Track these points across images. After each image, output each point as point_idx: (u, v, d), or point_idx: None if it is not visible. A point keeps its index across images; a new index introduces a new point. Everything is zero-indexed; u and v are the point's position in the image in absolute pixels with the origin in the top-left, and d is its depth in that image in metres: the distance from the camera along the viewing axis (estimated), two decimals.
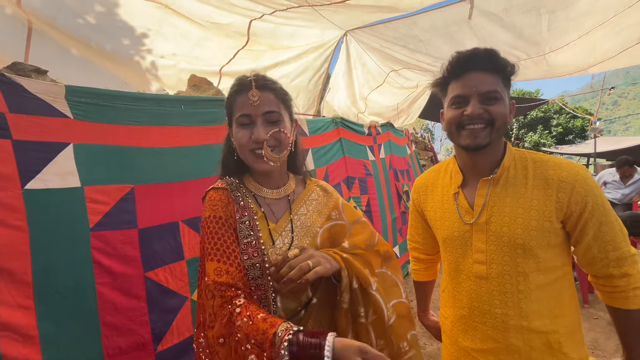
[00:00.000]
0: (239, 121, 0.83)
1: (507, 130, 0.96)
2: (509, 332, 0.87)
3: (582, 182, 0.82)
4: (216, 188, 0.88)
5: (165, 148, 1.55)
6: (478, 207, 0.91)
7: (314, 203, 0.93)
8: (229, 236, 0.80)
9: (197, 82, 2.79)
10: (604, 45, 3.95)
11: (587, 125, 14.45)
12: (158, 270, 1.47)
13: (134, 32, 2.40)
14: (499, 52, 0.85)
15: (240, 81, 0.84)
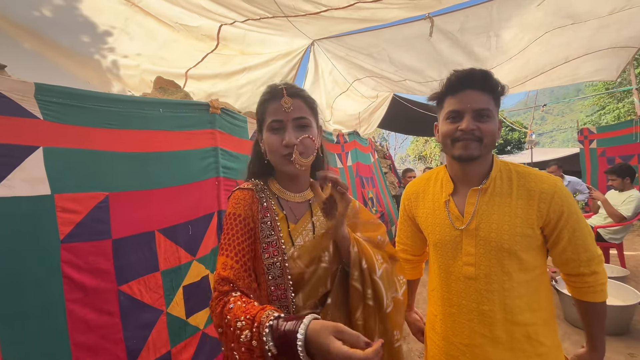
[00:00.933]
0: (271, 126, 0.87)
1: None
2: (495, 326, 0.95)
3: (560, 193, 0.93)
4: (242, 188, 0.92)
5: (142, 153, 1.47)
6: (468, 214, 0.99)
7: None
8: (242, 234, 0.84)
9: (163, 84, 2.67)
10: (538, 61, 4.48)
11: (523, 138, 16.08)
12: (132, 283, 1.38)
13: (96, 29, 2.25)
14: (493, 73, 0.94)
15: (272, 89, 0.89)
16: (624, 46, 4.63)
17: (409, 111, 6.19)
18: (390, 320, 0.89)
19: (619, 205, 3.63)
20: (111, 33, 2.26)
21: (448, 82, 0.97)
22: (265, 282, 0.83)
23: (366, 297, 0.84)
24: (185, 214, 1.65)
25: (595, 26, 3.70)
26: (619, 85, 10.77)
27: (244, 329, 0.65)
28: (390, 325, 0.89)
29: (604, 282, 0.95)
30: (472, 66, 0.98)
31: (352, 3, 2.48)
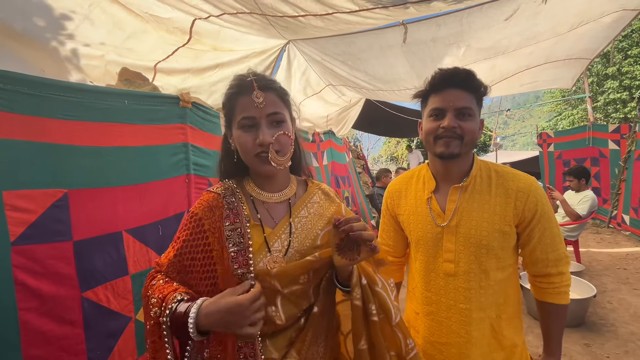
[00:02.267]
0: (242, 124, 0.79)
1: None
2: (471, 326, 0.97)
3: (535, 192, 0.96)
4: (210, 191, 0.87)
5: (106, 147, 1.37)
6: (450, 211, 1.00)
7: (315, 206, 0.91)
8: (191, 233, 0.81)
9: (129, 76, 2.51)
10: (502, 67, 4.72)
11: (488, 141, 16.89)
12: (98, 289, 1.28)
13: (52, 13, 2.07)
14: (475, 73, 0.95)
15: (241, 81, 0.81)
16: (579, 58, 5.01)
17: (382, 113, 6.30)
18: (401, 330, 0.83)
19: (576, 204, 3.89)
20: (71, 18, 2.08)
21: (432, 80, 0.98)
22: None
23: (370, 314, 0.79)
24: (155, 213, 1.56)
25: (554, 39, 3.96)
26: (573, 93, 11.61)
27: (155, 306, 0.71)
28: (402, 334, 0.83)
29: (568, 285, 0.98)
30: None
31: (330, 12, 2.48)
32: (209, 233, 0.79)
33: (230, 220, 0.80)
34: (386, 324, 0.82)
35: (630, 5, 3.43)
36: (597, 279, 4.02)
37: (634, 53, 12.49)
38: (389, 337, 0.82)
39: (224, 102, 0.85)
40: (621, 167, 6.22)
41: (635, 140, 5.91)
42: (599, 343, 2.73)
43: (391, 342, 0.82)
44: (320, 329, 0.83)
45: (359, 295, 0.78)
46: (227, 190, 0.85)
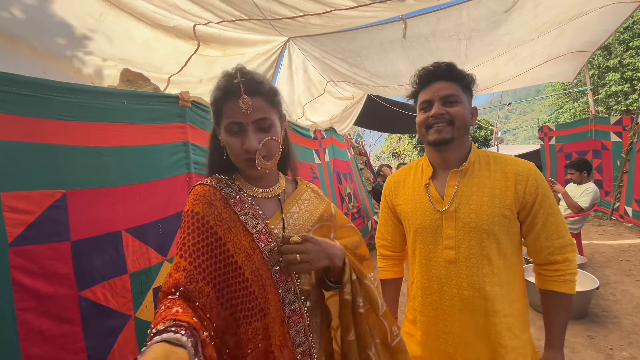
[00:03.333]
0: (229, 128, 0.77)
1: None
2: (475, 313, 0.94)
3: (535, 175, 0.94)
4: (203, 184, 0.83)
5: (104, 147, 1.34)
6: (449, 196, 0.99)
7: (306, 203, 0.91)
8: (198, 234, 0.75)
9: (131, 77, 2.49)
10: (506, 70, 4.66)
11: (489, 135, 16.70)
12: (96, 288, 1.26)
13: (69, 28, 2.01)
14: (456, 65, 0.98)
15: (227, 84, 0.76)
16: (580, 50, 4.89)
17: (383, 109, 6.23)
18: (386, 319, 0.86)
19: (577, 197, 3.81)
20: (83, 30, 2.04)
21: (418, 79, 1.03)
22: (268, 271, 0.76)
23: (358, 307, 0.81)
24: (155, 212, 1.53)
25: (555, 33, 3.86)
26: (575, 86, 11.41)
27: (149, 334, 0.61)
28: (388, 323, 0.86)
29: (574, 273, 0.93)
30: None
31: (328, 10, 2.43)
32: (216, 228, 0.77)
33: (239, 207, 0.80)
34: (372, 314, 0.85)
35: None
36: (599, 271, 3.95)
37: (635, 45, 12.20)
38: (376, 326, 0.85)
39: (211, 101, 0.81)
40: (623, 159, 6.09)
41: (637, 132, 5.78)
42: (602, 335, 2.67)
43: (378, 330, 0.85)
44: (314, 324, 0.83)
45: (349, 290, 0.81)
46: (221, 182, 0.84)
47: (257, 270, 0.75)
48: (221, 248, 0.75)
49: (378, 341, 0.85)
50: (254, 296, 0.74)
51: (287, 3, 2.27)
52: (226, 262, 0.75)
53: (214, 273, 0.74)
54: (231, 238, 0.76)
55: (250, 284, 0.74)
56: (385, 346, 0.85)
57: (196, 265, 0.72)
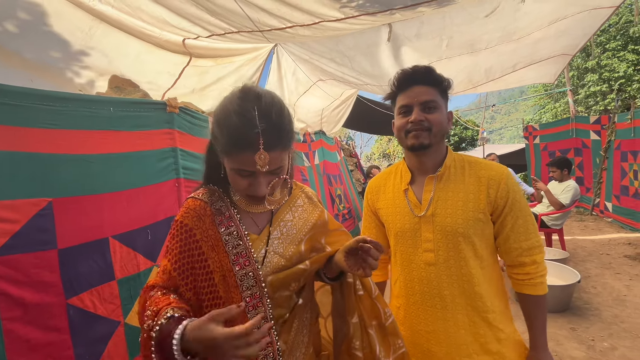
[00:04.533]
0: (238, 172, 0.70)
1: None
2: (457, 310, 0.97)
3: (506, 180, 0.96)
4: (196, 198, 0.82)
5: (91, 155, 1.33)
6: (426, 201, 1.00)
7: (300, 210, 0.90)
8: (184, 245, 0.76)
9: (119, 83, 2.46)
10: (490, 70, 4.73)
11: (476, 135, 16.93)
12: (83, 295, 1.24)
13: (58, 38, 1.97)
14: (434, 68, 0.98)
15: (245, 134, 0.65)
16: (561, 54, 5.01)
17: (373, 111, 6.27)
18: (379, 302, 0.92)
19: (559, 194, 3.89)
20: (73, 43, 2.01)
21: (397, 81, 1.02)
22: (239, 295, 0.75)
23: (357, 290, 0.89)
24: (143, 218, 1.52)
25: (537, 37, 3.95)
26: (556, 87, 11.65)
27: (149, 318, 0.66)
28: (381, 305, 0.92)
29: (544, 275, 0.96)
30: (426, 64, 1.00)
31: (317, 21, 2.44)
32: (201, 242, 0.76)
33: (225, 225, 0.78)
34: (368, 297, 0.91)
35: (607, 3, 3.43)
36: (581, 265, 4.03)
37: (611, 47, 12.53)
38: (370, 309, 0.91)
39: (218, 131, 0.71)
40: (602, 156, 6.24)
41: (614, 130, 5.93)
42: (584, 327, 2.73)
43: (372, 313, 0.90)
44: (304, 319, 0.86)
45: (350, 274, 0.88)
46: (213, 196, 0.82)
47: (230, 292, 0.75)
48: (203, 262, 0.76)
49: (374, 323, 0.90)
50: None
51: (276, 14, 2.27)
52: (206, 277, 0.76)
53: (194, 284, 0.75)
54: (213, 255, 0.76)
55: (224, 302, 0.74)
56: (380, 327, 0.91)
57: (179, 272, 0.75)
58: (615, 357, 2.31)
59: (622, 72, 12.11)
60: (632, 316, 2.82)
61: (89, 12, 1.95)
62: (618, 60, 12.38)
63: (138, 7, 1.97)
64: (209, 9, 2.04)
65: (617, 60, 12.42)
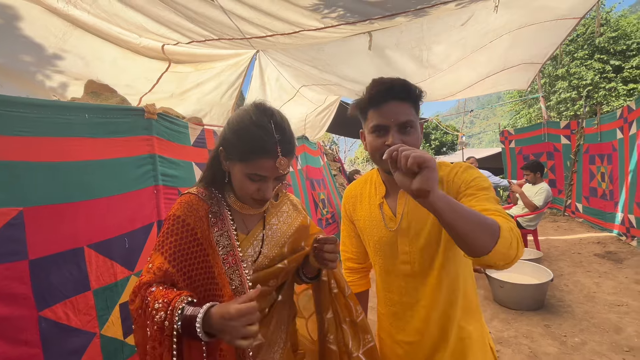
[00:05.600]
0: (251, 177, 0.79)
1: None
2: (430, 322, 0.97)
3: (457, 167, 0.93)
4: (199, 197, 0.86)
5: (65, 162, 1.29)
6: (399, 214, 0.99)
7: (284, 215, 0.98)
8: (187, 242, 0.80)
9: (96, 88, 2.40)
10: (466, 77, 4.92)
11: (456, 140, 17.38)
12: (56, 307, 1.20)
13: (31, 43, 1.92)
14: (411, 83, 0.91)
15: (267, 141, 0.76)
16: (531, 62, 5.26)
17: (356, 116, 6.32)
18: (352, 300, 1.00)
19: (532, 196, 4.05)
20: (47, 48, 1.96)
21: (369, 94, 0.91)
22: (230, 290, 0.80)
23: (332, 288, 0.97)
24: (120, 226, 1.49)
25: (509, 44, 4.14)
26: (529, 93, 12.14)
27: (160, 310, 0.69)
28: (353, 303, 1.00)
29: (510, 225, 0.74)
30: (411, 80, 0.93)
31: (297, 30, 2.48)
32: (202, 240, 0.81)
33: (218, 227, 0.84)
34: (342, 296, 0.98)
35: (571, 14, 3.63)
36: (554, 264, 4.20)
37: (579, 55, 13.21)
38: (344, 306, 0.98)
39: (236, 138, 0.79)
40: (572, 160, 6.54)
41: (583, 135, 6.23)
42: (557, 323, 2.83)
43: (346, 309, 0.98)
44: (282, 316, 0.94)
45: (325, 273, 0.96)
46: (213, 199, 0.88)
47: (224, 288, 0.80)
48: (204, 258, 0.82)
49: (348, 319, 0.98)
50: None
51: (257, 23, 2.29)
52: (207, 274, 0.81)
53: (194, 278, 0.80)
54: (211, 252, 0.82)
55: (222, 296, 0.80)
56: (352, 323, 0.98)
57: (178, 269, 0.78)
58: (586, 352, 2.42)
59: (590, 80, 12.77)
60: (601, 312, 2.96)
61: (64, 17, 1.91)
62: (586, 69, 13.06)
63: (115, 13, 1.94)
64: (189, 16, 2.03)
65: (585, 68, 13.09)
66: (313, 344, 1.04)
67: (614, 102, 12.28)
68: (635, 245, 4.52)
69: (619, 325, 2.70)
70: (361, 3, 2.14)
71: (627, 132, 4.72)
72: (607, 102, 12.53)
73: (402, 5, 2.25)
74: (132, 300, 0.76)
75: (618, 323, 2.74)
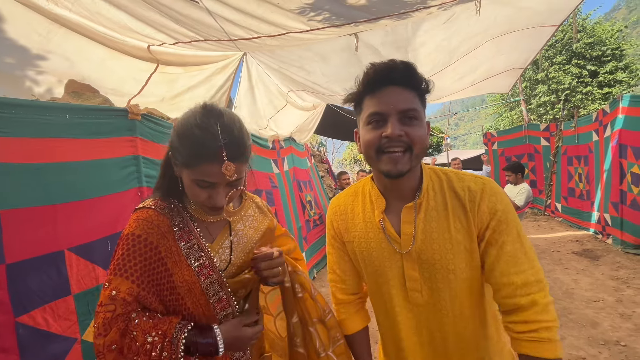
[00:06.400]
0: (199, 183, 0.72)
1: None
2: (449, 355, 0.82)
3: (490, 189, 0.76)
4: (158, 211, 0.78)
5: (45, 164, 1.26)
6: (406, 235, 0.80)
7: (250, 219, 0.93)
8: (153, 265, 0.75)
9: (77, 88, 2.34)
10: (452, 86, 5.08)
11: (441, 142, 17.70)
12: (35, 312, 1.17)
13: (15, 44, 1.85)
14: (416, 65, 0.75)
15: (209, 147, 0.68)
16: (514, 68, 5.43)
17: (343, 118, 6.39)
18: (319, 301, 0.98)
19: (514, 196, 4.16)
20: (30, 48, 1.90)
21: (365, 78, 0.76)
22: (207, 302, 0.79)
23: (297, 293, 0.93)
24: (103, 228, 1.46)
25: (492, 53, 4.29)
26: (511, 96, 12.49)
27: (156, 344, 0.67)
28: (320, 304, 0.97)
29: (551, 327, 0.68)
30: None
31: (283, 33, 2.48)
32: (166, 259, 0.76)
33: (185, 239, 0.79)
34: (309, 298, 0.95)
35: (550, 22, 3.77)
36: None
37: (558, 60, 13.71)
38: (312, 307, 0.95)
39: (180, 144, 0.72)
40: (551, 161, 6.75)
41: (561, 137, 6.45)
42: None
43: (314, 310, 0.95)
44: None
45: (288, 279, 0.92)
46: (172, 210, 0.81)
47: (198, 301, 0.78)
48: (169, 278, 0.77)
49: (315, 320, 0.95)
50: (196, 321, 0.79)
51: (243, 25, 2.28)
52: (172, 291, 0.77)
53: (163, 299, 0.78)
54: (177, 271, 0.77)
55: (192, 312, 0.79)
56: (321, 323, 0.95)
57: (148, 290, 0.75)
58: (565, 346, 2.49)
59: (567, 84, 13.25)
60: (579, 307, 3.07)
61: (47, 15, 1.86)
62: (564, 73, 13.54)
63: (97, 11, 1.90)
64: (173, 17, 2.01)
65: (563, 73, 13.57)
66: (282, 340, 1.03)
67: (590, 106, 12.79)
68: (610, 243, 4.70)
69: (595, 320, 2.81)
70: (346, 7, 2.17)
71: (602, 135, 4.91)
72: (584, 105, 13.03)
73: (386, 10, 2.29)
74: (101, 334, 0.68)
75: (594, 318, 2.84)
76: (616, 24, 14.11)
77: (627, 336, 2.52)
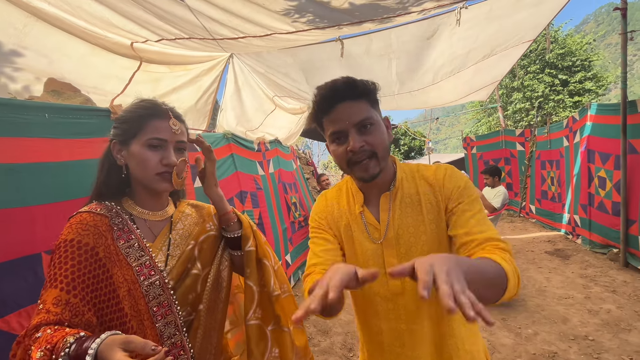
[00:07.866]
0: (150, 143, 0.79)
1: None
2: (428, 345, 0.84)
3: (451, 169, 0.86)
4: (94, 213, 0.77)
5: (20, 164, 1.21)
6: (384, 222, 0.85)
7: (189, 218, 0.95)
8: (87, 265, 0.70)
9: (57, 87, 2.26)
10: (435, 101, 5.27)
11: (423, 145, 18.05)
12: (10, 317, 1.11)
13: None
14: (355, 78, 0.81)
15: (156, 105, 0.83)
16: (492, 82, 5.66)
17: None
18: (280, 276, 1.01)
19: (491, 199, 4.29)
20: (13, 49, 1.82)
21: (316, 102, 0.83)
22: (146, 305, 0.76)
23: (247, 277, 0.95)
24: None
25: (473, 71, 4.49)
26: (489, 103, 12.90)
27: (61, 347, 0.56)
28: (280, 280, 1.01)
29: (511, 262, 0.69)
30: (380, 91, 0.85)
31: (269, 33, 2.48)
32: (105, 260, 0.73)
33: (124, 238, 0.78)
34: (271, 296, 0.98)
35: (527, 37, 3.93)
36: None
37: (532, 70, 14.28)
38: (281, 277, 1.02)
39: (127, 116, 0.83)
40: (526, 165, 7.00)
41: (535, 142, 6.70)
42: (512, 316, 3.02)
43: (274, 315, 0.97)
44: (210, 323, 0.89)
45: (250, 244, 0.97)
46: (111, 211, 0.80)
47: (136, 305, 0.75)
48: (108, 281, 0.72)
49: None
50: (132, 331, 0.72)
51: (229, 25, 2.26)
52: (110, 296, 0.72)
53: (99, 306, 0.71)
54: (116, 271, 0.74)
55: (129, 319, 0.73)
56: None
57: (81, 298, 0.67)
58: (538, 342, 2.59)
59: (541, 92, 13.81)
60: (551, 304, 3.19)
61: (23, 8, 1.79)
62: (538, 82, 14.11)
63: (79, 5, 1.84)
64: (157, 13, 1.98)
65: (537, 81, 14.14)
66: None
67: (561, 113, 13.37)
68: (580, 243, 4.91)
69: (565, 316, 2.93)
70: (330, 10, 2.19)
71: (572, 140, 5.14)
72: (556, 112, 13.61)
73: (369, 14, 2.33)
74: (14, 356, 0.62)
75: (565, 314, 2.97)
76: (585, 36, 14.86)
77: (594, 331, 2.64)
